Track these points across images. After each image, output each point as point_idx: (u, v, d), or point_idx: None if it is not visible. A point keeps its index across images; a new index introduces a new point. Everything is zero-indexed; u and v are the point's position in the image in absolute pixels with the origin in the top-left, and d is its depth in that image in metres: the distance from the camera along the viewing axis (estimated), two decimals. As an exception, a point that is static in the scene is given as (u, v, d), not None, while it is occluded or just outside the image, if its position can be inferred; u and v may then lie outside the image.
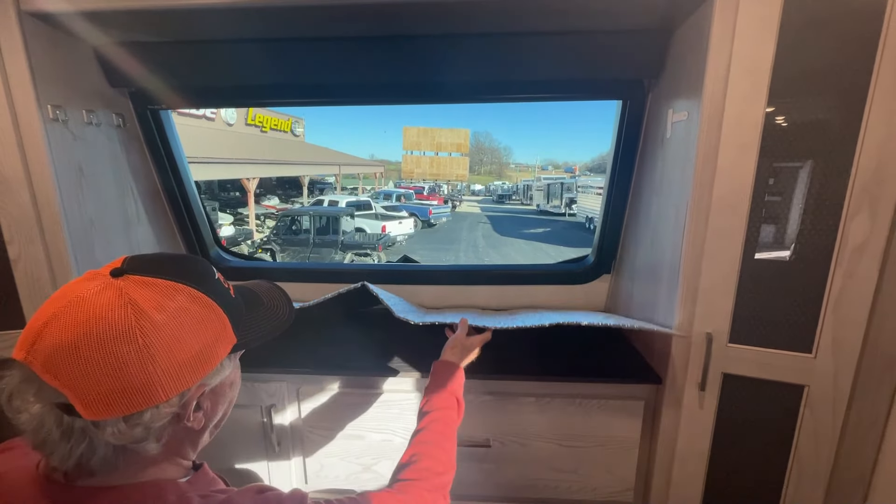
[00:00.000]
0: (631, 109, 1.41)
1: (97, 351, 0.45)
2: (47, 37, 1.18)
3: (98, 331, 0.46)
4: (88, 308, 0.47)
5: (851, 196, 0.95)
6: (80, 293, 0.48)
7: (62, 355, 0.45)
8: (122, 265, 0.52)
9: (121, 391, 0.46)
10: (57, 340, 0.45)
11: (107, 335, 0.46)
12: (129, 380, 0.46)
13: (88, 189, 1.30)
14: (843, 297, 1.00)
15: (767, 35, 0.94)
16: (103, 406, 0.46)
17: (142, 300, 0.49)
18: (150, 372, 0.47)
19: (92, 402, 0.46)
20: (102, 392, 0.46)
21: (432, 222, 17.08)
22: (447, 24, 1.22)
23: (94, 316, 0.46)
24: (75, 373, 0.45)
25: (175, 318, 0.50)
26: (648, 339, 1.35)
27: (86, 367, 0.45)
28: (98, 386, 0.46)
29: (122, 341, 0.46)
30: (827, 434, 1.08)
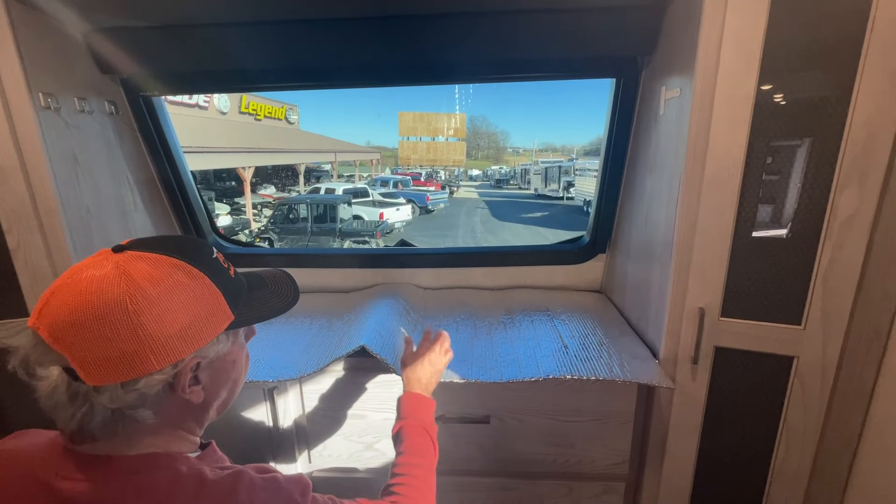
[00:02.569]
0: (625, 87, 1.41)
1: (92, 319, 0.49)
2: (36, 23, 1.17)
3: (93, 300, 0.49)
4: (87, 279, 0.50)
5: (841, 169, 0.96)
6: (85, 265, 0.52)
7: (63, 323, 0.49)
8: (126, 243, 0.56)
9: (115, 358, 0.49)
10: (58, 309, 0.49)
11: (100, 304, 0.49)
12: (122, 347, 0.49)
13: (84, 177, 1.31)
14: (832, 269, 1.02)
15: (759, 9, 0.94)
16: (100, 371, 0.49)
17: (136, 273, 0.52)
18: (141, 340, 0.50)
19: (90, 367, 0.49)
20: (98, 358, 0.49)
21: (430, 208, 17.02)
22: (440, 2, 1.21)
23: (90, 287, 0.50)
24: (74, 339, 0.48)
25: (167, 291, 0.52)
26: (643, 316, 1.37)
27: (83, 333, 0.48)
28: (94, 352, 0.49)
29: (114, 310, 0.49)
30: (815, 403, 1.11)
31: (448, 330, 1.45)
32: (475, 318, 1.55)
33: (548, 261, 1.78)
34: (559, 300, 1.69)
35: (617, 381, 1.11)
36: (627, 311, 1.52)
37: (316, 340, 1.37)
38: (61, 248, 1.23)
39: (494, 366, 1.21)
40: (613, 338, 1.35)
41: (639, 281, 1.41)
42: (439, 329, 1.12)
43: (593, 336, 1.36)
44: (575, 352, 1.26)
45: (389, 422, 1.28)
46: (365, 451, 1.33)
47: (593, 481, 1.31)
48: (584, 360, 1.20)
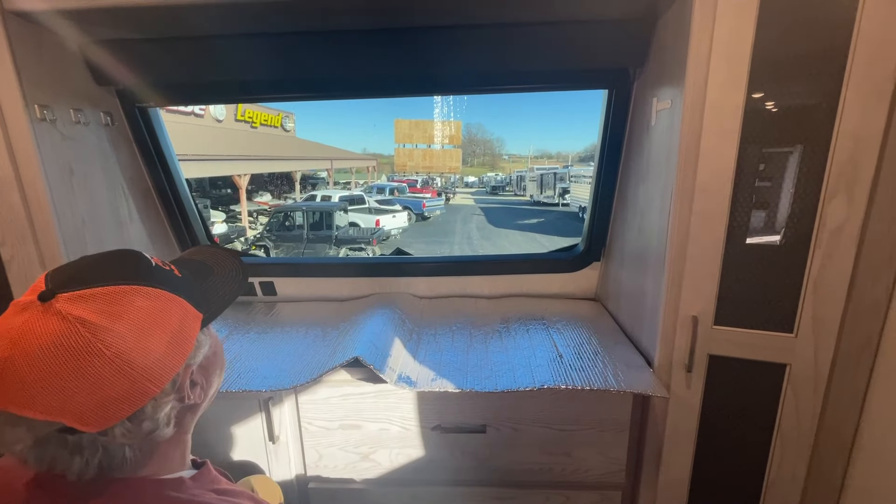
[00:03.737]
0: (617, 98, 1.43)
1: (71, 377, 0.45)
2: (32, 36, 1.17)
3: (62, 360, 0.45)
4: (39, 342, 0.45)
5: (829, 179, 0.98)
6: (19, 329, 0.46)
7: (36, 391, 0.45)
8: (46, 286, 0.49)
9: (111, 400, 0.48)
10: (23, 380, 0.44)
11: (72, 360, 0.46)
12: (114, 389, 0.47)
13: (79, 188, 1.31)
14: (823, 277, 1.03)
15: (746, 22, 0.96)
16: (101, 418, 0.48)
17: (88, 315, 0.47)
18: (131, 375, 0.48)
19: (88, 418, 0.47)
20: (94, 407, 0.47)
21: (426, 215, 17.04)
22: (435, 15, 1.22)
23: (50, 347, 0.45)
24: (58, 401, 0.45)
25: (132, 319, 0.50)
26: (637, 324, 1.38)
27: (66, 392, 0.45)
28: (87, 404, 0.46)
29: (90, 360, 0.46)
30: (808, 410, 1.12)
31: (444, 339, 1.46)
32: (471, 327, 1.55)
33: (543, 269, 1.79)
34: (555, 308, 1.70)
35: (611, 390, 1.11)
36: (622, 319, 1.53)
37: (311, 350, 1.37)
38: (56, 259, 1.23)
39: (490, 375, 1.22)
40: (608, 346, 1.35)
41: (633, 289, 1.42)
42: None
43: (588, 345, 1.36)
44: (570, 361, 1.26)
45: (385, 432, 1.29)
46: (361, 461, 1.32)
47: (590, 490, 1.31)
48: (578, 370, 1.20)
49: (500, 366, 1.27)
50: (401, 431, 1.29)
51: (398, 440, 1.30)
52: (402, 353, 1.34)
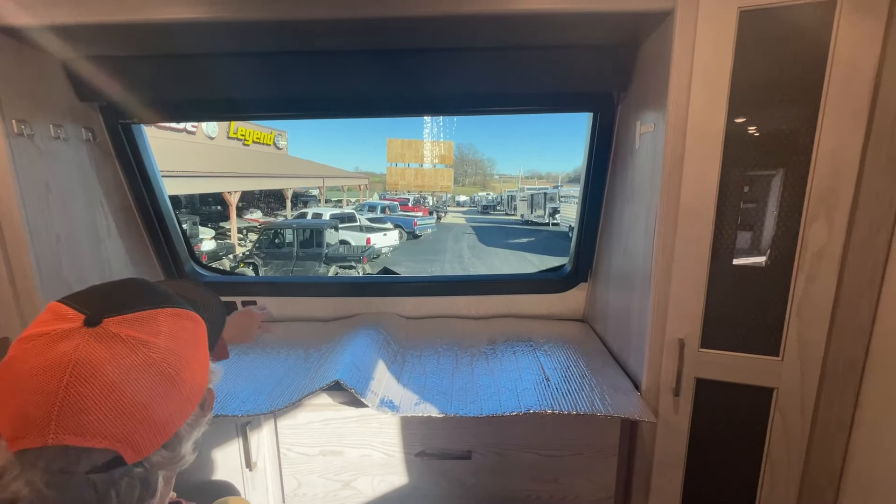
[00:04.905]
0: (602, 121, 1.45)
1: (139, 397, 0.45)
2: (13, 51, 1.16)
3: (133, 380, 0.45)
4: (105, 365, 0.44)
5: (809, 203, 0.99)
6: (74, 355, 0.44)
7: (102, 416, 0.43)
8: (83, 313, 0.47)
9: (162, 422, 0.47)
10: (87, 407, 0.43)
11: (142, 379, 0.46)
12: (168, 409, 0.48)
13: (56, 204, 1.27)
14: (806, 300, 1.03)
15: (725, 50, 0.99)
16: (150, 444, 0.47)
17: (145, 336, 0.48)
18: (180, 395, 0.49)
19: (142, 445, 0.46)
20: (148, 431, 0.46)
21: (417, 234, 17.05)
22: (426, 39, 1.24)
23: (118, 369, 0.45)
24: (123, 426, 0.44)
25: (180, 338, 0.51)
26: (625, 347, 1.37)
27: (130, 416, 0.44)
28: (143, 427, 0.46)
29: (159, 379, 0.47)
30: (797, 435, 1.10)
31: (429, 361, 1.43)
32: (457, 349, 1.52)
33: (531, 289, 1.78)
34: (542, 329, 1.68)
35: (599, 415, 1.09)
36: (609, 340, 1.51)
37: (291, 372, 1.33)
38: (27, 277, 1.19)
39: (475, 399, 1.19)
40: (595, 369, 1.33)
41: (620, 310, 1.42)
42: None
43: (575, 367, 1.34)
44: (557, 384, 1.24)
45: (367, 459, 1.24)
46: (342, 489, 1.27)
47: (578, 519, 1.27)
48: (565, 394, 1.18)
49: (486, 389, 1.24)
50: (383, 458, 1.24)
51: (380, 467, 1.25)
52: (386, 376, 1.30)
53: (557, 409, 1.10)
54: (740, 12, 0.96)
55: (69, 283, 1.31)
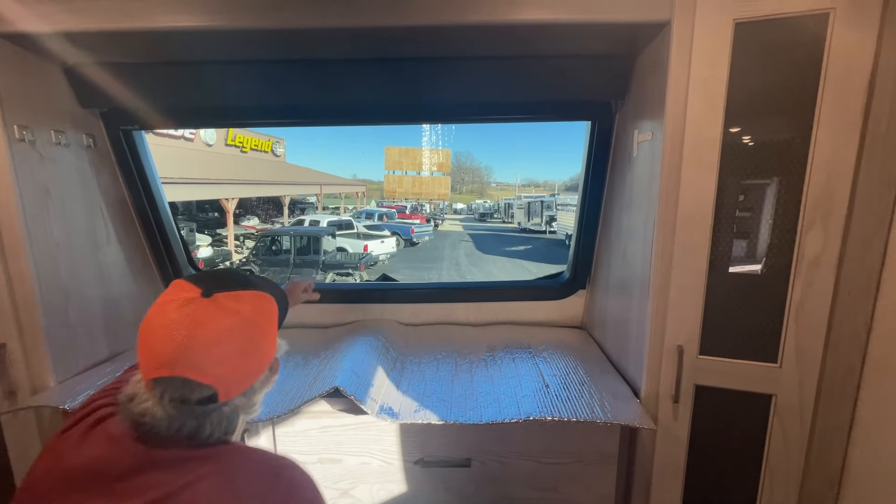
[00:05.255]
0: (600, 129, 1.47)
1: (236, 353, 0.63)
2: (16, 57, 1.17)
3: (234, 338, 0.63)
4: (218, 324, 0.62)
5: (805, 211, 1.00)
6: (195, 316, 0.61)
7: (211, 361, 0.60)
8: (199, 288, 0.64)
9: (247, 374, 0.66)
10: (205, 352, 0.60)
11: (238, 339, 0.63)
12: (251, 365, 0.67)
13: (55, 210, 1.27)
14: (804, 307, 1.04)
15: (721, 61, 1.00)
16: (236, 388, 0.65)
17: (244, 309, 0.65)
18: (261, 356, 0.68)
19: (231, 388, 0.63)
20: (237, 378, 0.65)
21: (415, 241, 17.05)
22: (425, 47, 1.25)
23: (226, 329, 0.62)
24: (222, 370, 0.62)
25: (263, 314, 0.68)
26: (623, 354, 1.37)
27: (229, 364, 0.63)
28: (234, 375, 0.64)
29: (249, 341, 0.65)
30: (796, 442, 1.10)
31: (429, 368, 1.42)
32: (456, 356, 1.52)
33: (529, 296, 1.78)
34: (541, 336, 1.68)
35: (598, 422, 1.09)
36: (608, 347, 1.52)
37: (290, 379, 1.32)
38: (24, 282, 1.19)
39: (475, 406, 1.18)
40: (595, 376, 1.33)
41: (618, 318, 1.42)
42: None
43: (574, 374, 1.34)
44: (556, 391, 1.24)
45: (367, 466, 1.24)
46: (341, 497, 1.26)
47: (578, 528, 1.26)
48: (565, 400, 1.18)
49: (486, 396, 1.24)
50: (382, 466, 1.24)
51: (379, 475, 1.24)
52: (385, 383, 1.30)
53: (557, 416, 1.10)
54: (736, 24, 0.98)
55: (67, 290, 1.31)
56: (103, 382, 1.26)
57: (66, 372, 1.30)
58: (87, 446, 0.62)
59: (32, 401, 1.19)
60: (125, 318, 1.54)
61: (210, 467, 0.61)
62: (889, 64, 0.91)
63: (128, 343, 1.54)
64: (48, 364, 1.24)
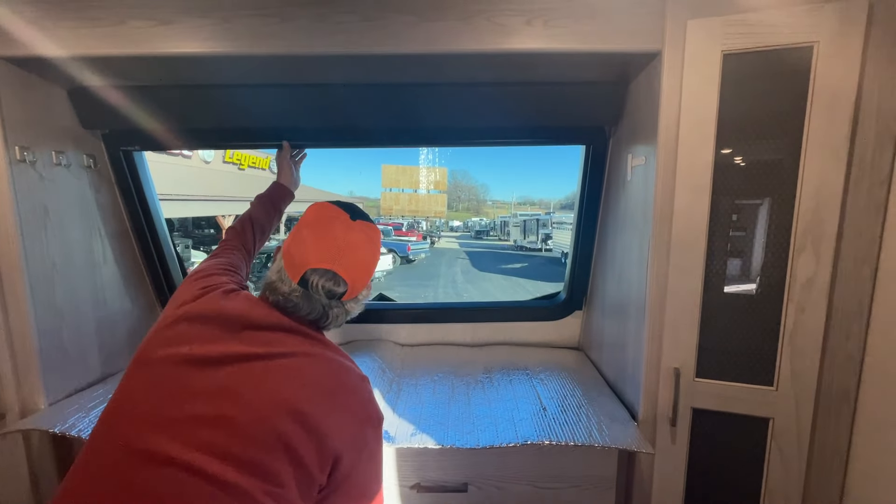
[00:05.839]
0: (594, 153, 1.50)
1: (373, 263, 0.88)
2: (20, 80, 1.18)
3: (375, 252, 0.88)
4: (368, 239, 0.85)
5: (796, 235, 1.02)
6: (348, 229, 0.83)
7: (363, 269, 0.84)
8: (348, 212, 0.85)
9: (366, 282, 0.86)
10: (352, 259, 0.81)
11: (376, 253, 0.88)
12: (369, 276, 0.87)
13: (53, 230, 1.28)
14: (798, 329, 1.05)
15: (710, 89, 1.04)
16: (357, 291, 0.84)
17: (372, 233, 0.87)
18: (373, 271, 0.89)
19: (357, 289, 0.84)
20: (360, 286, 0.85)
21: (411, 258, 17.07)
22: (424, 74, 1.28)
23: (371, 243, 0.86)
24: (362, 275, 0.83)
25: (378, 241, 0.89)
26: (620, 376, 1.37)
27: (363, 272, 0.84)
28: (361, 282, 0.84)
29: (378, 256, 0.89)
30: (794, 466, 1.10)
31: (425, 390, 1.41)
32: (453, 377, 1.51)
33: (526, 317, 1.78)
34: (538, 358, 1.68)
35: (596, 446, 1.08)
36: (605, 369, 1.51)
37: None
38: (19, 303, 1.18)
39: (472, 430, 1.17)
40: (592, 398, 1.33)
41: (615, 339, 1.42)
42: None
43: (572, 397, 1.34)
44: (553, 414, 1.23)
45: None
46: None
47: (577, 555, 1.24)
48: (562, 424, 1.17)
49: (483, 419, 1.23)
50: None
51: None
52: (381, 406, 1.29)
53: (555, 440, 1.09)
54: (724, 55, 1.02)
55: (62, 310, 1.30)
56: (95, 405, 1.24)
57: (57, 394, 1.28)
58: (230, 301, 0.81)
59: (22, 424, 1.17)
60: (119, 337, 1.52)
61: (322, 351, 0.80)
62: (871, 95, 0.95)
63: (121, 363, 1.52)
64: (40, 386, 1.23)
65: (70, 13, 1.09)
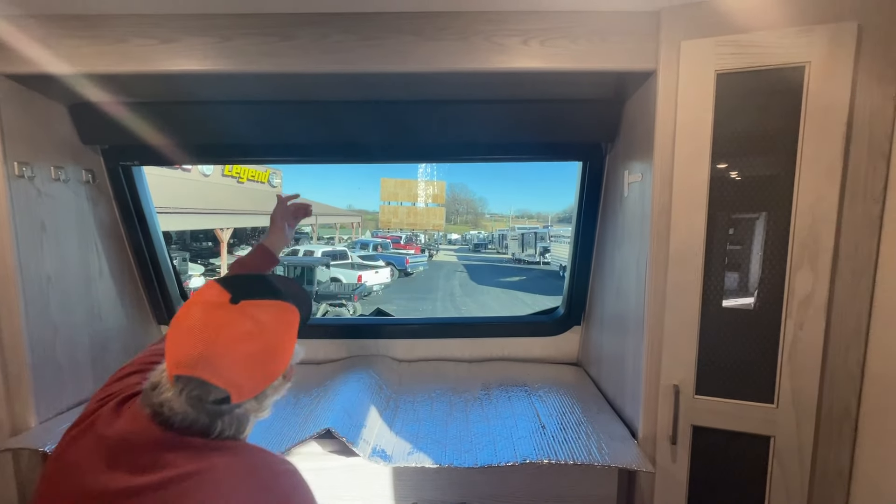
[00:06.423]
0: (591, 170, 1.51)
1: (251, 360, 0.66)
2: (21, 96, 1.19)
3: (251, 346, 0.66)
4: (238, 331, 0.65)
5: (793, 251, 1.02)
6: (221, 321, 0.65)
7: (228, 365, 0.64)
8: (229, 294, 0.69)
9: (260, 380, 0.68)
10: (221, 356, 0.63)
11: (256, 347, 0.66)
12: (265, 371, 0.69)
13: (49, 245, 1.27)
14: (796, 347, 1.04)
15: (705, 108, 1.05)
16: (248, 392, 0.67)
17: (266, 318, 0.69)
18: (275, 363, 0.70)
19: (243, 391, 0.66)
20: (251, 383, 0.67)
21: (409, 271, 17.04)
22: (422, 91, 1.30)
23: (245, 336, 0.66)
24: (236, 374, 0.64)
25: (283, 324, 0.72)
26: (620, 392, 1.36)
27: (243, 369, 0.65)
28: (248, 380, 0.66)
29: (265, 349, 0.68)
30: (796, 485, 1.08)
31: (423, 407, 1.40)
32: (451, 394, 1.49)
33: (524, 332, 1.78)
34: (537, 373, 1.66)
35: (596, 465, 1.07)
36: (604, 385, 1.50)
37: (280, 418, 1.29)
38: (12, 317, 1.17)
39: (470, 448, 1.16)
40: (591, 415, 1.31)
41: (614, 355, 1.42)
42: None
43: (571, 414, 1.32)
44: (553, 432, 1.21)
45: (357, 513, 1.19)
46: (329, 546, 1.20)
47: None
48: (561, 442, 1.16)
49: (481, 437, 1.21)
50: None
51: (371, 521, 1.19)
52: (378, 423, 1.27)
53: (554, 459, 1.08)
54: (717, 74, 1.04)
55: (56, 324, 1.29)
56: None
57: (48, 411, 1.26)
58: (119, 420, 0.68)
59: (11, 442, 1.15)
60: (113, 352, 1.51)
61: (219, 460, 0.65)
62: (863, 113, 0.96)
63: (114, 380, 1.50)
64: (31, 403, 1.21)
65: (74, 31, 1.10)
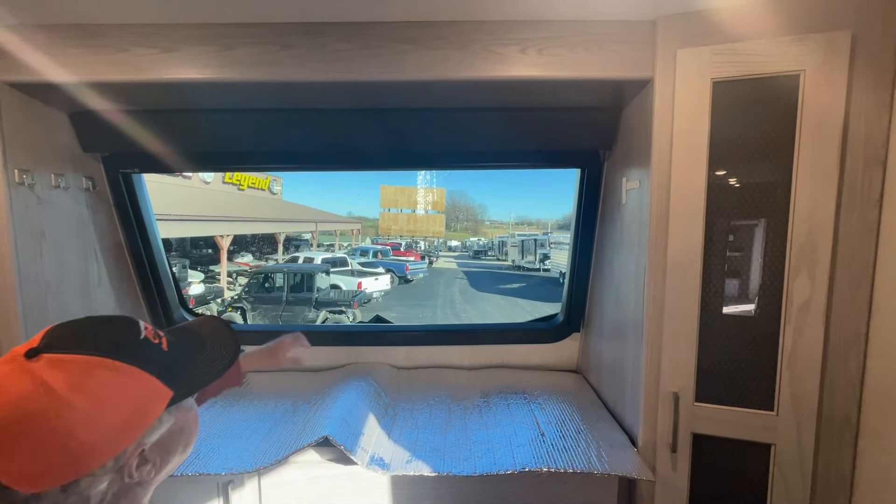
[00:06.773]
0: (589, 177, 1.52)
1: (14, 437, 0.46)
2: (22, 104, 1.20)
3: (13, 418, 0.46)
4: (3, 397, 0.47)
5: (790, 258, 1.03)
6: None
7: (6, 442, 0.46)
8: (39, 342, 0.51)
9: (46, 469, 0.47)
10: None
11: (20, 421, 0.47)
12: (51, 458, 0.47)
13: (49, 252, 1.27)
14: (796, 353, 1.04)
15: (702, 115, 1.06)
16: (33, 483, 0.48)
17: (55, 382, 0.48)
18: (71, 448, 0.48)
19: (22, 480, 0.47)
20: (28, 472, 0.47)
21: (409, 278, 17.02)
22: (422, 99, 1.31)
23: (7, 404, 0.47)
24: (9, 458, 0.46)
25: (93, 396, 0.50)
26: (619, 400, 1.35)
27: (7, 452, 0.46)
28: (22, 467, 0.47)
29: (36, 425, 0.47)
30: (798, 493, 1.07)
31: (421, 415, 1.39)
32: (450, 401, 1.49)
33: (524, 339, 1.77)
34: (536, 381, 1.66)
35: (596, 473, 1.06)
36: (604, 393, 1.49)
37: (278, 427, 1.28)
38: (10, 325, 1.17)
39: (468, 456, 1.15)
40: (591, 423, 1.31)
41: (613, 362, 1.41)
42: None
43: (570, 422, 1.31)
44: (552, 440, 1.21)
45: (354, 523, 1.18)
46: (326, 556, 1.19)
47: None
48: (561, 450, 1.15)
49: (480, 445, 1.20)
50: (372, 520, 1.18)
51: (369, 530, 1.18)
52: (377, 431, 1.26)
53: (554, 468, 1.07)
54: (713, 82, 1.04)
55: (54, 331, 1.28)
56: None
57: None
58: None
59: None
60: (111, 361, 1.50)
61: None
62: (859, 120, 0.97)
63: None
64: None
65: (75, 40, 1.11)
